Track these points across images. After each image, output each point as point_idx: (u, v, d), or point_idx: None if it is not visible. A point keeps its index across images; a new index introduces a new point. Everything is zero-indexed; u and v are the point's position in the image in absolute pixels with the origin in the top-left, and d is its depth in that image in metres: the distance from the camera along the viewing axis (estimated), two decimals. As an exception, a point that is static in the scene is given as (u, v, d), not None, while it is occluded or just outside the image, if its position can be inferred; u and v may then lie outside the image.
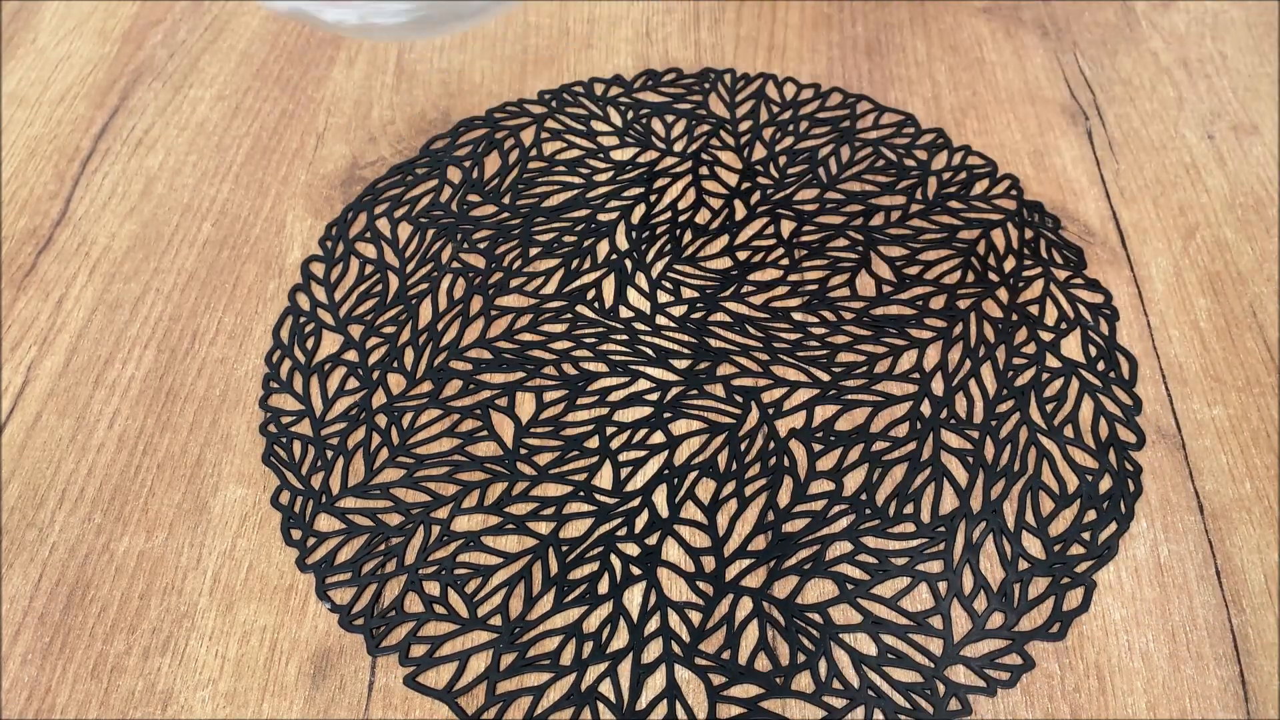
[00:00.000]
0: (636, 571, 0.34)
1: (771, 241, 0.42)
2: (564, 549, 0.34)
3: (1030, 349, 0.39)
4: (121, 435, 0.38)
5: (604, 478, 0.36)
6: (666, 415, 0.37)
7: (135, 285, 0.42)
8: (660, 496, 0.36)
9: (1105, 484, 0.35)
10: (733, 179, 0.45)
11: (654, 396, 0.38)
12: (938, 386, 0.38)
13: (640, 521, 0.35)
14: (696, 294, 0.41)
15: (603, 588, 0.34)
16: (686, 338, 0.39)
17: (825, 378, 0.38)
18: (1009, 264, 0.41)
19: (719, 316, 0.40)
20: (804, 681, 0.32)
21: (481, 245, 0.43)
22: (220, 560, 0.34)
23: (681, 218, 0.43)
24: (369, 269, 0.42)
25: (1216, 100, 0.48)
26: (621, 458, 0.36)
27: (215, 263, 0.43)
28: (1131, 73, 0.49)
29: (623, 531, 0.35)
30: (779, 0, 0.53)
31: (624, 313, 0.40)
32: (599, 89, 0.48)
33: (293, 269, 0.42)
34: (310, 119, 0.48)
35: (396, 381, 0.39)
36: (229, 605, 0.33)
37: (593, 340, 0.39)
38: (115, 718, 0.31)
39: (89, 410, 0.38)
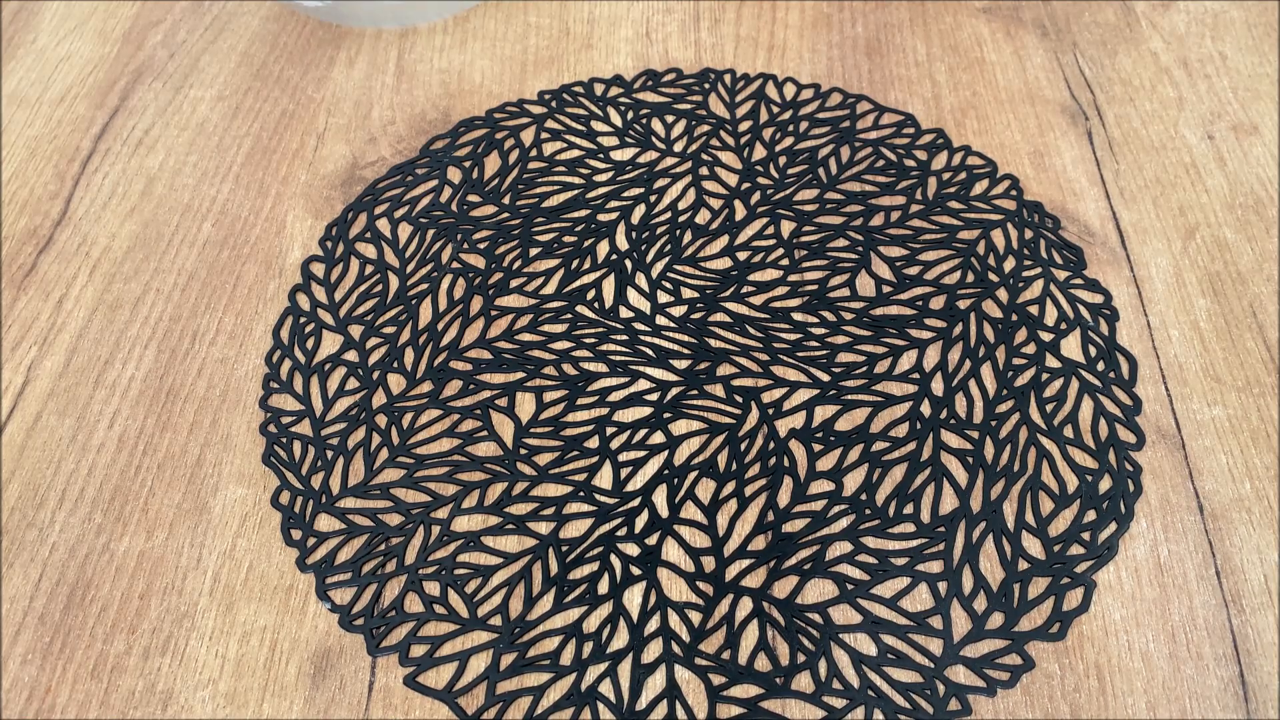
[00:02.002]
0: (636, 571, 0.34)
1: (771, 242, 0.42)
2: (564, 549, 0.34)
3: (1030, 349, 0.39)
4: (121, 435, 0.38)
5: (604, 478, 0.36)
6: (666, 415, 0.37)
7: (135, 285, 0.42)
8: (660, 496, 0.36)
9: (1105, 484, 0.35)
10: (733, 179, 0.44)
11: (654, 397, 0.38)
12: (938, 387, 0.38)
13: (640, 521, 0.35)
14: (696, 294, 0.41)
15: (603, 588, 0.34)
16: (686, 338, 0.39)
17: (825, 378, 0.38)
18: (1009, 264, 0.41)
19: (719, 317, 0.40)
20: (804, 681, 0.32)
21: (481, 245, 0.42)
22: (220, 560, 0.34)
23: (681, 218, 0.43)
24: (369, 269, 0.42)
25: (1216, 100, 0.48)
26: (621, 458, 0.36)
27: (215, 263, 0.43)
28: (1131, 73, 0.49)
29: (623, 531, 0.35)
30: (779, 0, 0.53)
31: (624, 313, 0.40)
32: (599, 89, 0.48)
33: (293, 269, 0.42)
34: (310, 119, 0.48)
35: (396, 381, 0.39)
36: (229, 605, 0.33)
37: (593, 341, 0.39)
38: (115, 718, 0.31)
39: (89, 410, 0.38)
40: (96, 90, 0.50)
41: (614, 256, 0.42)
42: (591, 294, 0.41)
